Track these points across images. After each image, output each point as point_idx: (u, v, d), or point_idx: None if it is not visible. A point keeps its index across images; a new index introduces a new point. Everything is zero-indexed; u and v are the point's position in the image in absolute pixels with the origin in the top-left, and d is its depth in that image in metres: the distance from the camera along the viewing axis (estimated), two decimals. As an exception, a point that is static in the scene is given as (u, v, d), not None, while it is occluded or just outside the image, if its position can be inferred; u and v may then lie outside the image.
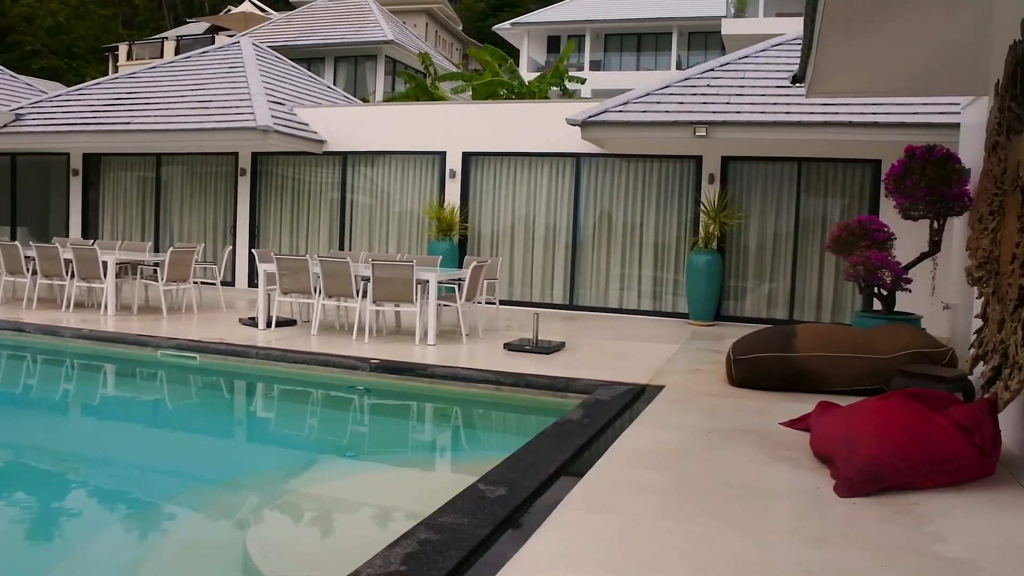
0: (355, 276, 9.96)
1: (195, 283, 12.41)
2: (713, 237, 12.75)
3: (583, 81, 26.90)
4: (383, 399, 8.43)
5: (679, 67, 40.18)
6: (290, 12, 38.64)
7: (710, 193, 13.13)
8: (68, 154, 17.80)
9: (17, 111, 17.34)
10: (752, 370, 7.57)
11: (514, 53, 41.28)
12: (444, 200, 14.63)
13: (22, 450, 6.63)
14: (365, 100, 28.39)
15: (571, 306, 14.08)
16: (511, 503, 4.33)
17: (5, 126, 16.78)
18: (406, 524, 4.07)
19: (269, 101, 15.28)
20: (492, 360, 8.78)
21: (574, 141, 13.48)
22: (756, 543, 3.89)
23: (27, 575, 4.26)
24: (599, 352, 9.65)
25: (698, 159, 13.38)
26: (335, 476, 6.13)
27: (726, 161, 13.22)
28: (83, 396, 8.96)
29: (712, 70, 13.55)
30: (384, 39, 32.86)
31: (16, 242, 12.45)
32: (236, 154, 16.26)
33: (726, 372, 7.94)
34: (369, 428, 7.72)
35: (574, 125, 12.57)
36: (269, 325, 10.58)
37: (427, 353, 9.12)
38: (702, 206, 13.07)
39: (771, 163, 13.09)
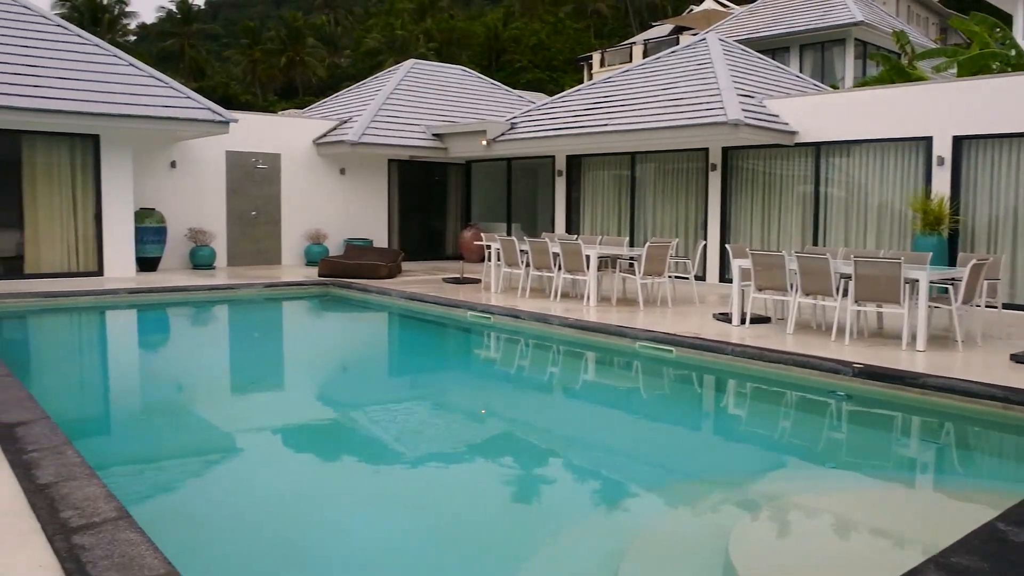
0: (835, 273, 9.46)
1: (669, 277, 12.76)
2: None
3: (1105, 42, 22.85)
4: (866, 407, 7.88)
5: None
6: (753, 4, 38.17)
7: None
8: (553, 156, 19.42)
9: (511, 120, 19.31)
10: None
11: (1006, 19, 36.48)
12: (931, 190, 13.32)
13: (515, 424, 7.30)
14: (834, 87, 27.05)
15: (1091, 311, 12.01)
16: (1042, 550, 3.72)
17: (503, 134, 18.79)
18: (905, 555, 3.70)
19: (738, 94, 15.17)
20: (995, 372, 7.75)
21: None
22: None
23: (515, 542, 4.63)
24: None
25: None
26: (815, 486, 5.82)
27: None
28: (567, 380, 9.65)
29: None
30: (853, 20, 31.02)
31: (512, 237, 13.85)
32: (706, 149, 16.43)
33: None
34: (851, 438, 7.24)
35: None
36: (743, 321, 10.49)
37: (916, 360, 8.35)
38: None
39: None
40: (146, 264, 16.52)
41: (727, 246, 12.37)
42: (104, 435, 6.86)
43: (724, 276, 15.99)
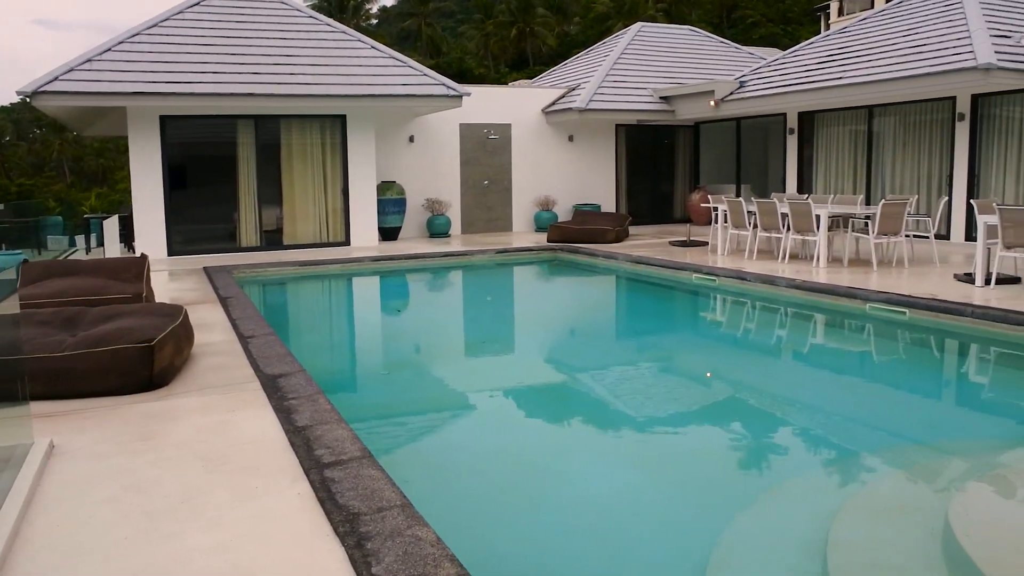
0: (1095, 229, 8.65)
1: (906, 236, 12.10)
2: None
3: None
4: None
5: None
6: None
7: None
8: (784, 114, 18.76)
9: (741, 79, 18.83)
10: None
11: None
12: None
13: (739, 387, 7.32)
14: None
15: None
16: None
17: (732, 94, 18.37)
18: None
19: (991, 35, 13.96)
20: None
21: None
22: None
23: (732, 498, 4.74)
24: None
25: None
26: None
27: None
28: (793, 343, 9.47)
29: None
30: None
31: (740, 198, 13.63)
32: (953, 99, 15.27)
33: None
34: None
35: None
36: (988, 282, 9.81)
37: None
38: None
39: None
40: (387, 234, 17.74)
41: (972, 202, 11.51)
42: (350, 388, 7.61)
43: (970, 235, 14.86)
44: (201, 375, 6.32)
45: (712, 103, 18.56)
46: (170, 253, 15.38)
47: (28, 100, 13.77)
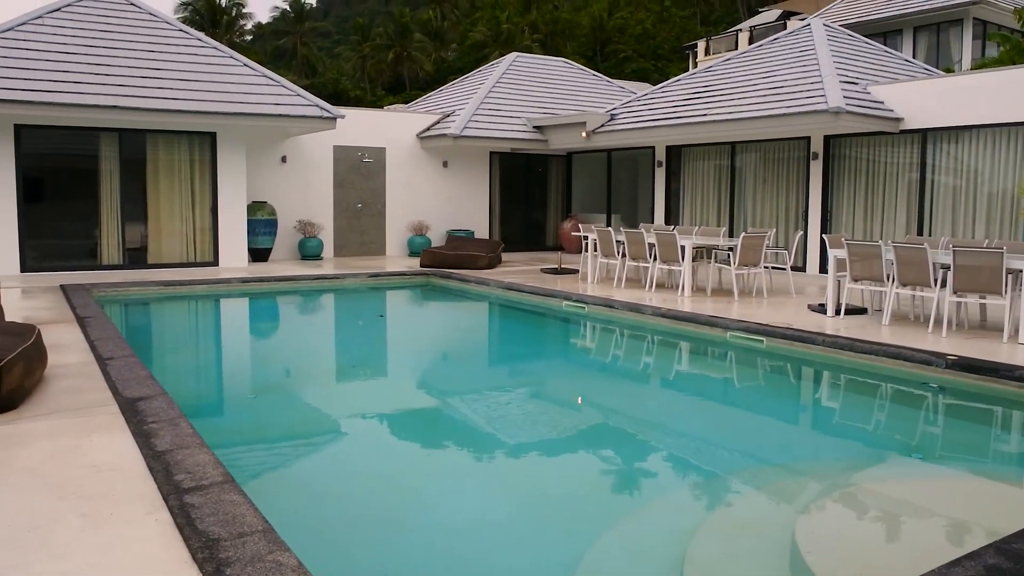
0: (933, 263, 9.30)
1: (765, 267, 12.69)
2: None
3: None
4: (960, 400, 7.76)
5: None
6: (866, -14, 36.95)
7: None
8: (653, 147, 19.43)
9: (612, 111, 19.40)
10: None
11: None
12: (1044, 177, 12.84)
13: (605, 410, 7.51)
14: (949, 71, 26.07)
15: None
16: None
17: (603, 126, 18.90)
18: (973, 543, 3.75)
19: (841, 81, 14.91)
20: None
21: None
22: None
23: (596, 518, 4.86)
24: None
25: None
26: (897, 476, 5.84)
27: None
28: (659, 369, 9.78)
29: None
30: (972, -1, 29.75)
31: (610, 228, 14.00)
32: (808, 138, 16.19)
33: None
34: (941, 430, 7.17)
35: None
36: (838, 312, 10.40)
37: (1016, 353, 8.15)
38: None
39: None
40: (257, 255, 17.35)
41: (824, 236, 12.21)
42: (215, 411, 7.40)
43: (824, 267, 15.74)
44: (54, 398, 6.03)
45: (584, 134, 19.04)
46: (23, 269, 14.60)
47: None
